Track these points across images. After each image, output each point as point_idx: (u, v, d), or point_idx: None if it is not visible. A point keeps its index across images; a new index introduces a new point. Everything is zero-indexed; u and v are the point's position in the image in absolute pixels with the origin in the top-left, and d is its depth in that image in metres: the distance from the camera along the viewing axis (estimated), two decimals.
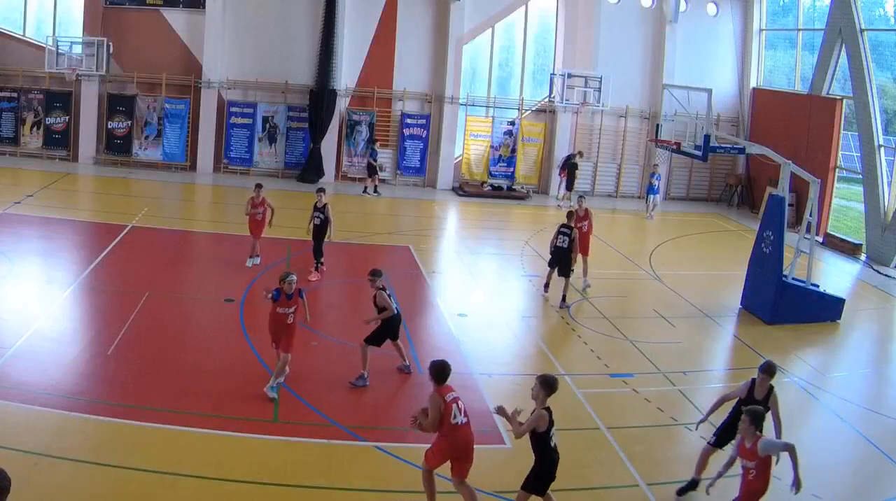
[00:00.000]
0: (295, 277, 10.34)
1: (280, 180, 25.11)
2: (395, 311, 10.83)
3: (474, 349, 12.30)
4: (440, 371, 7.75)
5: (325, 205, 15.15)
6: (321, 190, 15.60)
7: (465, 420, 7.66)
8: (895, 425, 10.85)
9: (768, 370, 8.48)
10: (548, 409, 7.49)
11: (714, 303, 15.79)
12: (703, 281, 17.51)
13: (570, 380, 11.37)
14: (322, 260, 15.29)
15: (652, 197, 24.26)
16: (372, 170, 24.35)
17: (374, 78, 25.76)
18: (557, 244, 14.73)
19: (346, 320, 13.73)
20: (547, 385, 7.57)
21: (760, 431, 7.46)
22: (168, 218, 19.73)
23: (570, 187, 24.70)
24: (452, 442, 7.63)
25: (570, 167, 24.91)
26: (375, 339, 10.73)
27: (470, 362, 11.71)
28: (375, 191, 24.30)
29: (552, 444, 7.50)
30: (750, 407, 7.68)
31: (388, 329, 10.83)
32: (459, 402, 7.68)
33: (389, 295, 10.80)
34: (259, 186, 15.97)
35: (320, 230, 15.08)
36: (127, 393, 9.68)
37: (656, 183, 24.50)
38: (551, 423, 7.47)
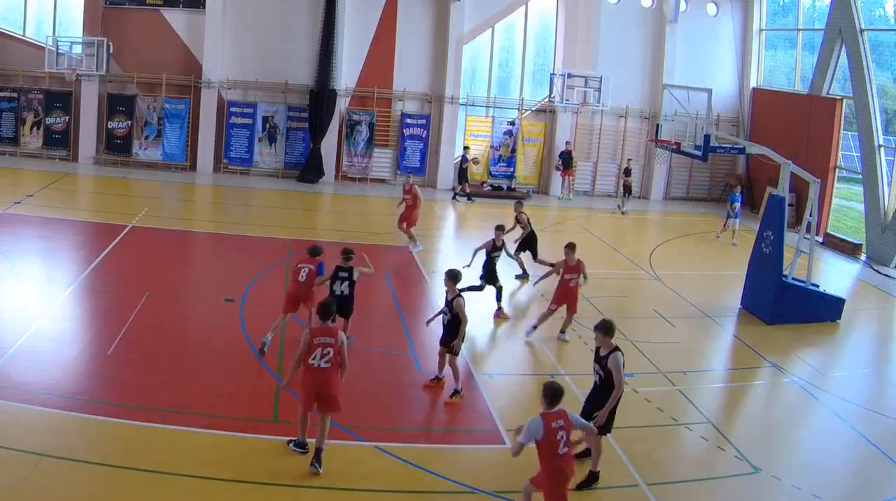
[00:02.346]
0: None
1: (280, 180, 25.12)
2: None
3: (474, 349, 12.29)
4: (323, 309, 8.53)
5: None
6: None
7: (327, 365, 8.25)
8: (895, 425, 10.85)
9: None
10: (460, 294, 10.36)
11: (714, 303, 15.78)
12: (703, 281, 17.50)
13: (570, 380, 11.35)
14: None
15: (734, 221, 21.19)
16: (462, 176, 24.41)
17: (374, 78, 25.76)
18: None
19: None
20: (453, 278, 10.44)
21: None
22: (168, 218, 19.72)
23: (628, 192, 24.91)
24: (308, 380, 8.30)
25: (628, 175, 24.98)
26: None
27: (470, 362, 11.70)
28: (465, 196, 24.42)
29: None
30: None
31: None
32: (327, 348, 8.24)
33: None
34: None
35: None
36: (127, 393, 9.67)
37: (738, 206, 21.36)
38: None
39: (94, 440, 8.52)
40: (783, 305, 14.68)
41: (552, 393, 7.31)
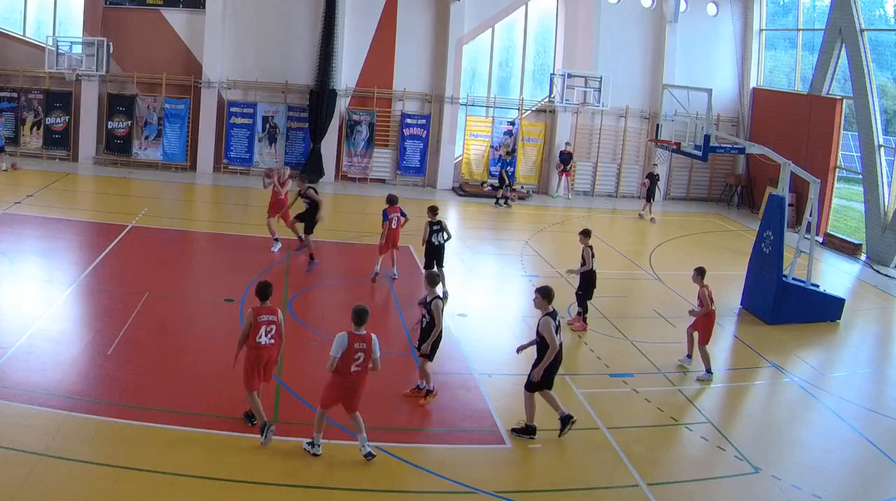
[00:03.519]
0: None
1: None
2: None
3: (474, 349, 12.30)
4: (260, 289, 8.99)
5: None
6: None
7: (271, 341, 8.78)
8: (895, 425, 10.85)
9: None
10: (438, 296, 10.12)
11: (714, 303, 15.75)
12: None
13: (570, 380, 11.37)
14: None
15: None
16: (503, 181, 24.32)
17: (374, 78, 25.76)
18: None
19: (346, 320, 13.70)
20: (430, 281, 10.31)
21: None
22: (168, 218, 19.73)
23: (651, 198, 23.87)
24: (256, 358, 8.72)
25: (652, 180, 24.11)
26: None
27: (470, 362, 11.71)
28: (507, 202, 24.22)
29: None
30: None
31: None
32: (271, 326, 8.77)
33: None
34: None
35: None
36: (127, 393, 9.67)
37: None
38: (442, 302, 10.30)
39: (94, 440, 8.53)
40: (783, 305, 14.68)
41: (358, 315, 8.51)
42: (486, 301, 15.11)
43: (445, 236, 14.32)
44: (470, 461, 9.11)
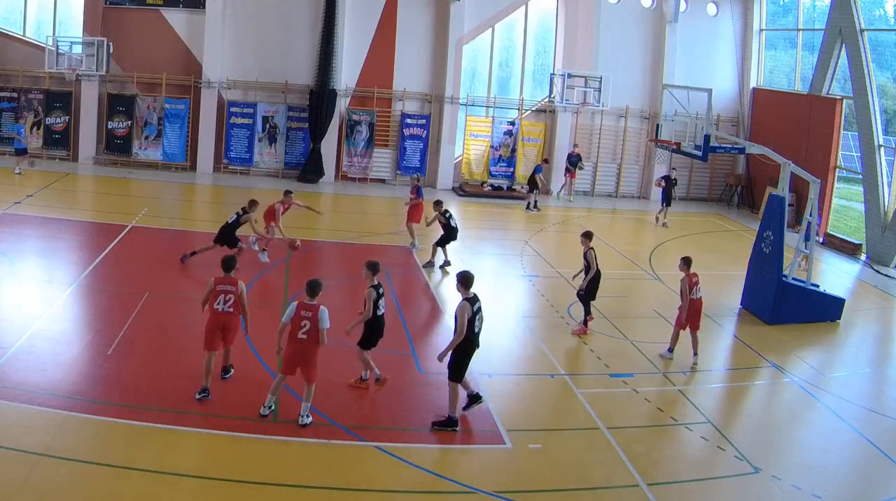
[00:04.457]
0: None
1: (280, 180, 25.10)
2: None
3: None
4: (224, 261, 9.86)
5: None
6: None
7: (229, 309, 9.64)
8: (895, 425, 10.85)
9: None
10: (375, 286, 10.05)
11: (714, 303, 15.74)
12: (703, 281, 17.37)
13: (570, 380, 11.37)
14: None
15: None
16: (534, 185, 24.23)
17: (374, 78, 25.76)
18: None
19: (346, 320, 13.71)
20: (372, 269, 10.10)
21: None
22: (168, 218, 19.72)
23: (668, 202, 23.18)
24: (213, 323, 9.67)
25: (668, 184, 23.40)
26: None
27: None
28: (535, 206, 23.97)
29: (381, 312, 10.15)
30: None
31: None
32: (229, 295, 9.64)
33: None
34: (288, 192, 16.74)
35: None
36: (127, 393, 9.67)
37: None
38: (380, 296, 10.08)
39: (94, 440, 8.53)
40: (783, 305, 14.68)
41: (310, 286, 9.18)
42: (487, 301, 15.07)
43: (454, 221, 16.69)
44: (470, 461, 9.12)
